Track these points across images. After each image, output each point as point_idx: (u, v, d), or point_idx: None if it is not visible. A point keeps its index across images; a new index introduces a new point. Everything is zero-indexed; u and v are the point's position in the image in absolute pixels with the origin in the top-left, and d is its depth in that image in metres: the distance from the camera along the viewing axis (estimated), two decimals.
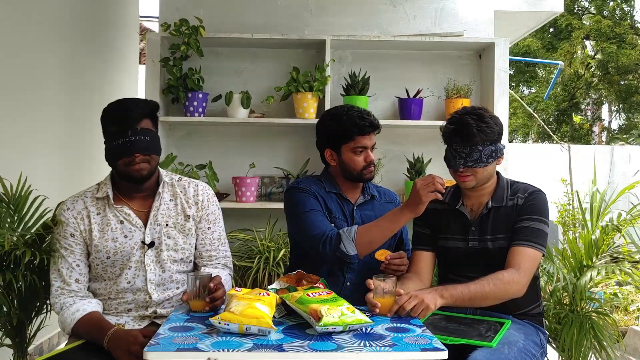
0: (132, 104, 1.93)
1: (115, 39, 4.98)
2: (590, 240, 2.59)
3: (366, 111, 2.25)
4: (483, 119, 1.99)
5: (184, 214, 2.03)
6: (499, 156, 2.02)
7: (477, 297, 1.88)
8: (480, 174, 2.01)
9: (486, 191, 2.08)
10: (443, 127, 2.07)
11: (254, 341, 1.49)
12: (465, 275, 2.04)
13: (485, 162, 1.99)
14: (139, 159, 1.89)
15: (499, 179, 2.11)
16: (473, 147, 1.97)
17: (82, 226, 1.94)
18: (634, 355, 3.40)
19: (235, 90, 3.47)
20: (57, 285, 1.91)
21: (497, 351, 1.77)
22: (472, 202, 2.10)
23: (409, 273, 2.14)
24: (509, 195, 2.06)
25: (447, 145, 2.06)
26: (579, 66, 16.60)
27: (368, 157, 2.22)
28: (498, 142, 2.02)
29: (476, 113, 2.01)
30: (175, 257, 2.00)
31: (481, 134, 1.97)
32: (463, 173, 2.01)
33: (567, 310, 2.57)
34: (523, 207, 2.02)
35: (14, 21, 3.08)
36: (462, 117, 2.01)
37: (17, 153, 3.11)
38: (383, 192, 2.41)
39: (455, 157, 2.01)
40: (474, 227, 2.06)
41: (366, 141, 2.21)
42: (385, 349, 1.46)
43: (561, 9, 4.19)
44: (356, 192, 2.31)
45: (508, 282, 1.89)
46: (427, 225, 2.18)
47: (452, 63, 3.72)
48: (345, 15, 3.73)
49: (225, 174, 3.56)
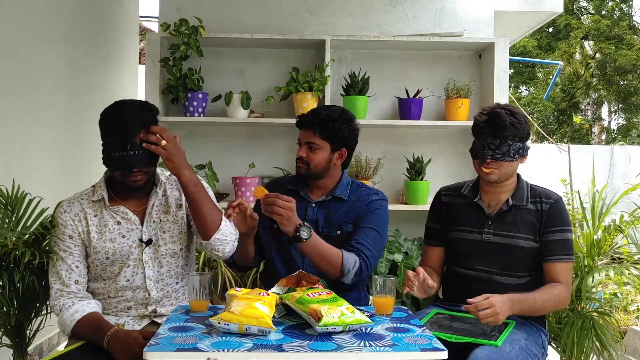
0: (132, 115, 1.85)
1: (115, 39, 4.98)
2: (592, 240, 2.59)
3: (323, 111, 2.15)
4: (515, 115, 2.04)
5: (176, 204, 2.03)
6: (524, 155, 2.07)
7: (538, 310, 2.00)
8: (504, 169, 2.04)
9: (505, 189, 2.11)
10: (475, 118, 2.11)
11: (253, 341, 1.49)
12: (474, 268, 2.10)
13: (512, 157, 2.02)
14: (136, 172, 1.88)
15: (519, 180, 2.15)
16: (503, 140, 2.01)
17: (80, 228, 1.94)
18: (634, 355, 3.40)
19: (235, 90, 3.47)
20: (56, 287, 1.91)
21: (499, 349, 1.78)
22: (490, 197, 2.13)
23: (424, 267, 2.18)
24: (529, 197, 2.10)
25: (476, 137, 2.08)
26: (578, 66, 16.60)
27: (299, 151, 2.16)
28: (525, 141, 2.06)
29: (509, 109, 2.07)
30: (174, 249, 2.00)
31: (513, 128, 2.01)
32: (489, 165, 2.04)
33: (567, 310, 2.57)
34: (551, 216, 2.07)
35: (14, 21, 3.08)
36: (495, 110, 2.05)
37: (16, 153, 3.10)
38: (361, 192, 2.22)
39: (484, 148, 2.03)
40: (490, 221, 2.10)
41: (301, 135, 2.18)
42: (385, 349, 1.46)
43: (561, 9, 4.19)
44: (321, 192, 2.22)
45: (564, 299, 2.04)
46: (439, 219, 2.22)
47: (452, 63, 3.72)
48: (345, 15, 3.73)
49: (225, 174, 3.56)
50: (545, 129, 16.63)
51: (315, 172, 2.15)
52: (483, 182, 2.13)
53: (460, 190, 2.20)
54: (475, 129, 2.09)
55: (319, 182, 2.20)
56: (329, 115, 2.14)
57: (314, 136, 2.13)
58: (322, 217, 2.18)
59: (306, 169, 2.15)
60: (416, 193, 3.45)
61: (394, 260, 3.12)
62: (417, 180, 3.47)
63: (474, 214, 2.13)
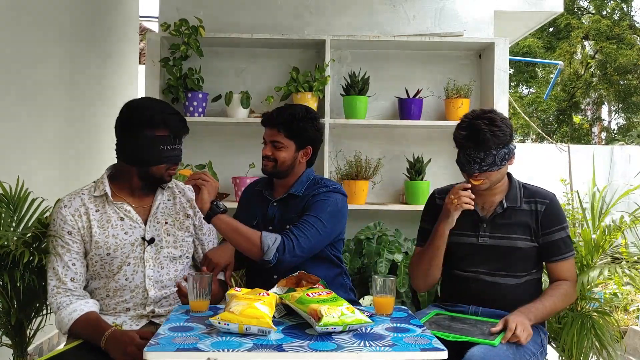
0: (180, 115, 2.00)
1: (115, 39, 4.98)
2: (591, 239, 2.58)
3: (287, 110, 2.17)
4: (495, 123, 1.99)
5: (184, 212, 2.06)
6: (511, 157, 2.04)
7: (550, 315, 2.07)
8: (494, 177, 2.03)
9: (498, 190, 2.10)
10: (455, 132, 2.07)
11: (253, 341, 1.49)
12: (473, 270, 2.09)
13: (500, 165, 2.01)
14: (174, 167, 1.99)
15: (511, 179, 2.14)
16: (487, 152, 1.98)
17: (80, 223, 1.94)
18: (634, 355, 3.41)
19: (235, 90, 3.47)
20: (53, 284, 1.91)
21: (494, 347, 1.78)
22: (484, 200, 2.12)
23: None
24: (523, 197, 2.09)
25: (460, 150, 2.05)
26: (579, 66, 16.60)
27: (264, 149, 2.19)
28: (510, 143, 2.03)
29: (487, 117, 2.00)
30: (175, 254, 2.01)
31: (494, 138, 1.97)
32: (478, 177, 2.02)
33: (567, 310, 2.57)
34: (549, 217, 2.06)
35: (14, 21, 3.08)
36: (474, 122, 2.00)
37: (17, 153, 3.10)
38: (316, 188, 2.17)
39: (470, 162, 2.01)
40: (485, 224, 2.09)
41: (266, 134, 2.20)
42: (385, 349, 1.46)
43: (561, 9, 4.19)
44: (283, 189, 2.23)
45: (571, 295, 2.08)
46: (434, 221, 2.16)
47: (452, 63, 3.72)
48: (345, 15, 3.73)
49: (225, 174, 3.56)
50: (545, 129, 16.63)
51: (281, 170, 2.17)
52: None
53: None
54: (458, 143, 2.05)
55: (282, 181, 2.22)
56: (293, 114, 2.14)
57: (278, 134, 2.15)
58: (279, 214, 2.19)
59: (273, 167, 2.17)
60: (416, 193, 3.45)
61: (394, 260, 3.12)
62: (417, 180, 3.47)
63: (469, 218, 2.10)
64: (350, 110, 3.46)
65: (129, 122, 1.94)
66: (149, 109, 1.94)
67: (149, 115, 1.92)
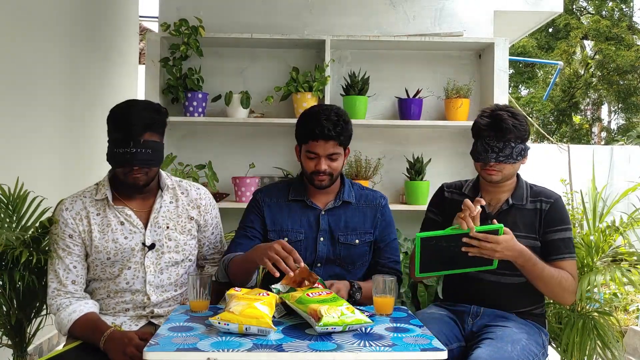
0: (136, 116, 1.86)
1: (115, 39, 4.98)
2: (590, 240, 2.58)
3: (335, 118, 2.00)
4: (517, 117, 2.02)
5: (187, 215, 2.04)
6: (525, 155, 2.06)
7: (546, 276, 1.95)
8: (507, 170, 2.04)
9: (506, 188, 2.11)
10: (475, 121, 2.08)
11: (253, 341, 1.49)
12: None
13: (515, 159, 2.02)
14: (136, 171, 1.88)
15: (519, 179, 2.15)
16: (506, 143, 1.99)
17: (80, 227, 1.93)
18: (634, 355, 3.41)
19: (235, 90, 3.47)
20: (53, 286, 1.91)
21: (500, 349, 1.78)
22: (491, 196, 2.13)
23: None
24: (529, 196, 2.10)
25: (478, 139, 2.06)
26: (578, 66, 16.60)
27: (318, 164, 2.03)
28: (526, 141, 2.05)
29: (510, 110, 2.04)
30: (177, 259, 2.00)
31: (515, 130, 1.99)
32: (493, 167, 2.02)
33: (568, 310, 2.57)
34: (552, 216, 2.06)
35: (13, 21, 3.08)
36: (497, 112, 2.03)
37: (17, 153, 3.10)
38: (367, 195, 2.19)
39: (487, 151, 2.01)
40: (489, 221, 2.08)
41: (318, 148, 2.02)
42: (385, 349, 1.46)
43: (561, 9, 4.19)
44: (327, 197, 2.14)
45: (570, 286, 2.01)
46: (441, 211, 2.19)
47: (452, 63, 3.72)
48: (345, 15, 3.73)
49: (225, 174, 3.56)
50: (545, 129, 16.63)
51: (335, 180, 2.10)
52: (484, 181, 2.13)
53: (462, 189, 2.19)
54: (477, 132, 2.06)
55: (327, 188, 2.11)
56: (344, 119, 2.03)
57: (334, 146, 2.03)
58: (335, 224, 2.12)
59: (329, 180, 2.07)
60: (416, 193, 3.45)
61: None
62: (417, 180, 3.47)
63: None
64: (350, 110, 3.45)
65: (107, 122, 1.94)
66: (116, 110, 1.91)
67: (111, 116, 1.91)
